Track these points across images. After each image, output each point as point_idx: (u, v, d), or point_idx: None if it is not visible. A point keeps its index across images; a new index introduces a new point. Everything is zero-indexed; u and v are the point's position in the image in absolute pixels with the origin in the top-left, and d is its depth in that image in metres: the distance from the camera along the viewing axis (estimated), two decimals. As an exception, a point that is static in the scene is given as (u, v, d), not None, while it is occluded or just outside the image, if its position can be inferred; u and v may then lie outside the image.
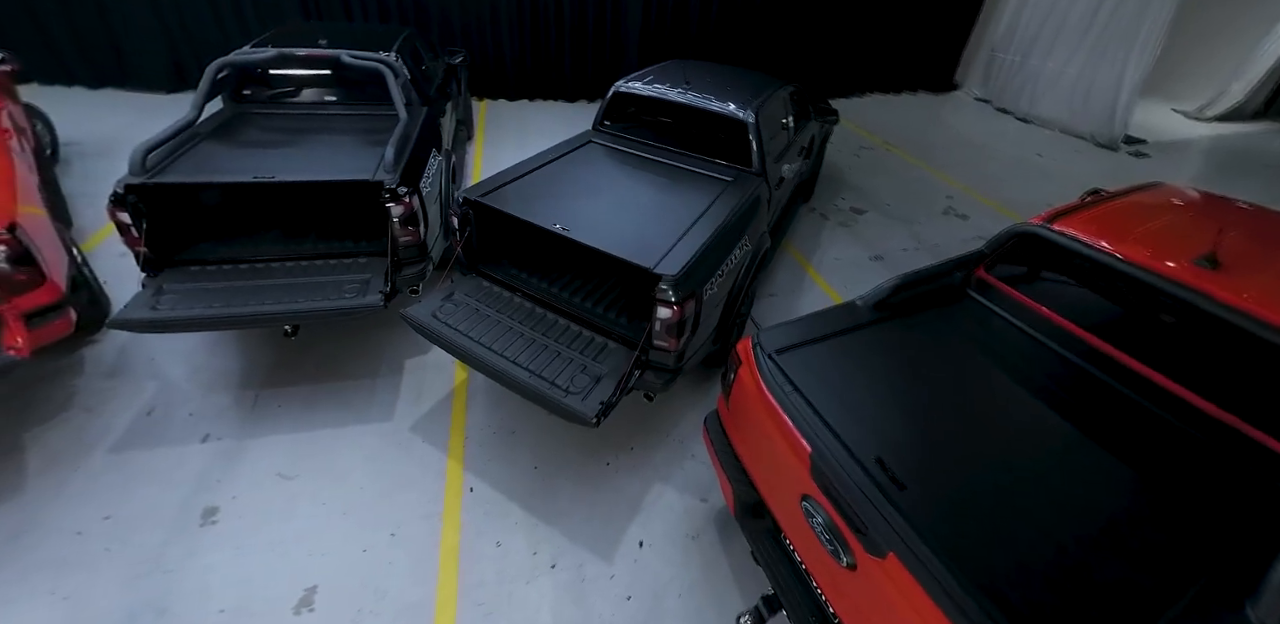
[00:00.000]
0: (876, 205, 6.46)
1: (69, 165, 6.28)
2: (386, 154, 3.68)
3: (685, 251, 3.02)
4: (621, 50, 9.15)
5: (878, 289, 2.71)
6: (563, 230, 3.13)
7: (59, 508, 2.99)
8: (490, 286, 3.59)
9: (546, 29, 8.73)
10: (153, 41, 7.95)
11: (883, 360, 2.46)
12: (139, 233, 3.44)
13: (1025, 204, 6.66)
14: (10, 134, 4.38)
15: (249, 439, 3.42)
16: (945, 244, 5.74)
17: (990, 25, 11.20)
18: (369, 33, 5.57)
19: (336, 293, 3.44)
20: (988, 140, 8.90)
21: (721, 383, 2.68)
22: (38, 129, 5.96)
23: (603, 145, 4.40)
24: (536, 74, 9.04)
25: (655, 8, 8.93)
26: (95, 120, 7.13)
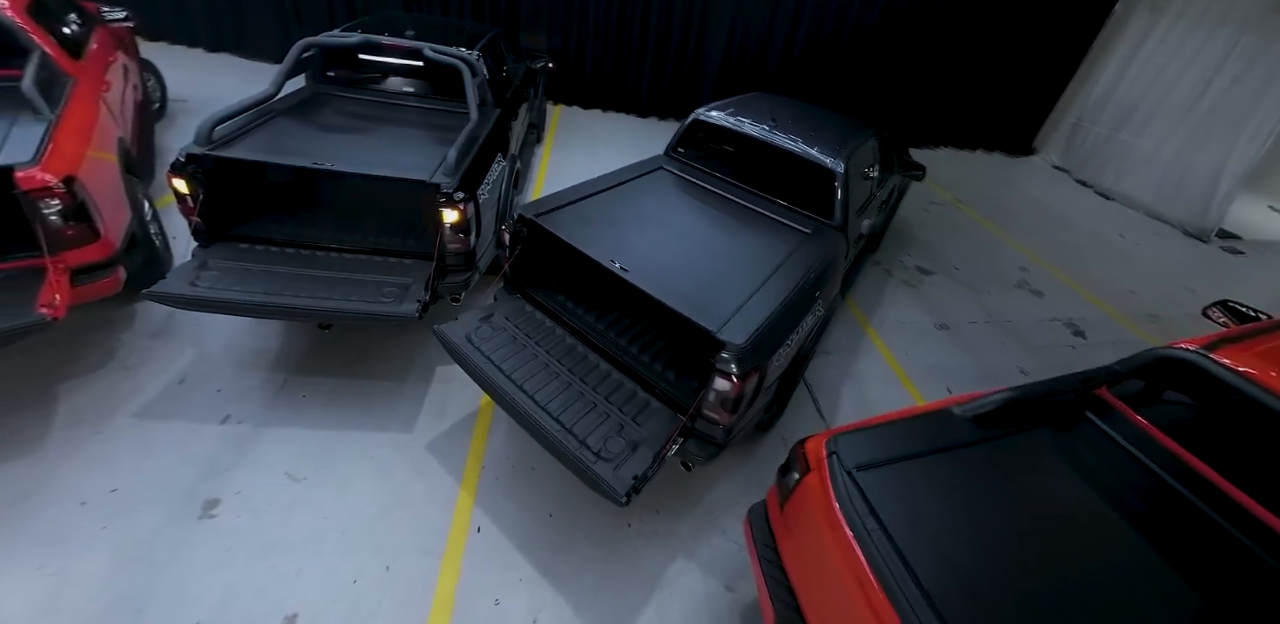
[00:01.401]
0: (944, 267, 5.83)
1: (173, 120, 6.16)
2: (449, 156, 3.30)
3: (755, 316, 2.54)
4: (699, 74, 8.71)
5: (983, 402, 2.16)
6: (620, 270, 2.68)
7: (71, 471, 2.74)
8: (532, 312, 3.16)
9: (630, 44, 8.36)
10: (268, 14, 7.90)
11: (982, 492, 1.93)
12: (194, 203, 3.16)
13: (1107, 288, 5.93)
14: (108, 86, 4.17)
15: (266, 427, 3.09)
16: (1018, 322, 5.09)
17: (1080, 93, 10.32)
18: (458, 29, 5.26)
19: (374, 295, 3.07)
20: (1065, 212, 8.12)
21: (778, 479, 2.18)
22: (149, 84, 5.85)
23: (673, 173, 3.95)
24: (613, 86, 8.68)
25: (739, 37, 8.46)
26: (206, 81, 7.03)
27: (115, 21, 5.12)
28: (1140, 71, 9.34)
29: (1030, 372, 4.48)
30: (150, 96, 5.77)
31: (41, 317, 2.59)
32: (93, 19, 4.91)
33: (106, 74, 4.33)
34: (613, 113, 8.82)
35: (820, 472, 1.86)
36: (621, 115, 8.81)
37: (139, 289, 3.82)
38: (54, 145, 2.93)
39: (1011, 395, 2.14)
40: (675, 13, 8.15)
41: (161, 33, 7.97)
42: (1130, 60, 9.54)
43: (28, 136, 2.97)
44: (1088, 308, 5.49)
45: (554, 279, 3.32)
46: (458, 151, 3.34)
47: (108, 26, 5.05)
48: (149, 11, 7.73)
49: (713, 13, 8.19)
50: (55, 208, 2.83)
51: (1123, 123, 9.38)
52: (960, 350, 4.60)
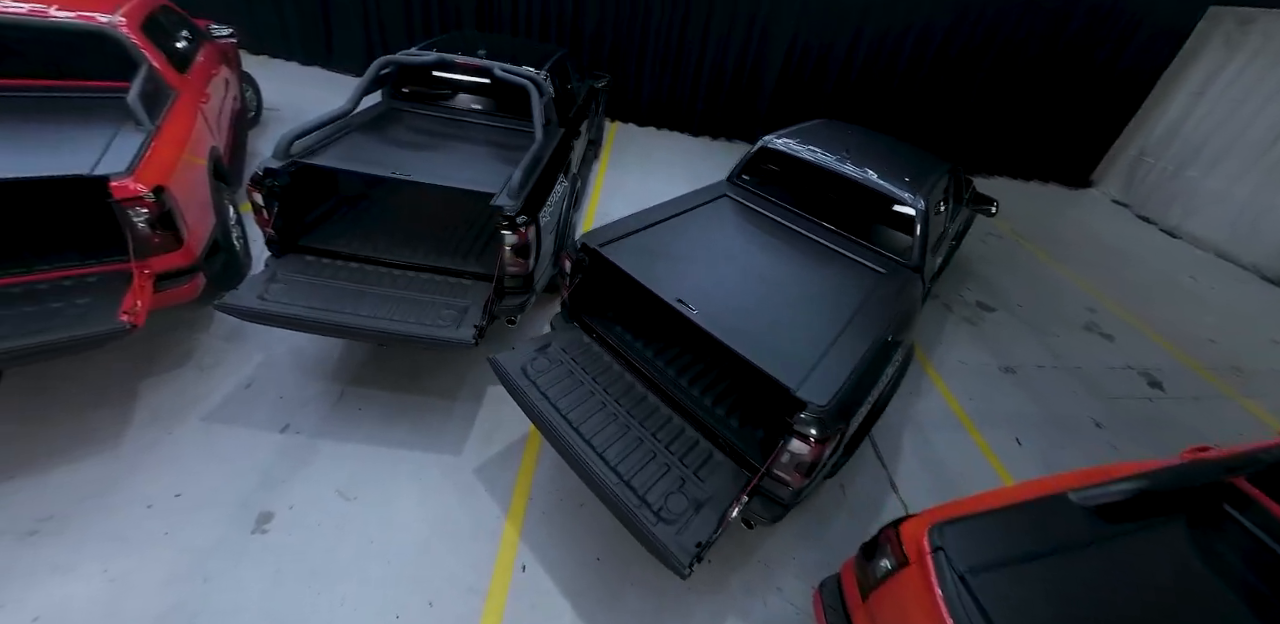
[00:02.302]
0: (1006, 304, 5.32)
1: (265, 128, 6.20)
2: (513, 177, 3.09)
3: (835, 373, 2.20)
4: (754, 96, 8.36)
5: (1107, 491, 1.77)
6: (688, 310, 2.38)
7: (143, 471, 2.65)
8: (590, 344, 2.89)
9: (687, 64, 8.09)
10: (355, 32, 7.98)
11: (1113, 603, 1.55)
12: (270, 215, 3.03)
13: (1182, 335, 5.30)
14: (207, 98, 4.14)
15: (322, 439, 2.92)
16: (1089, 369, 4.56)
17: (1144, 127, 9.50)
18: (527, 48, 5.08)
19: (432, 317, 2.86)
20: (1128, 249, 7.41)
21: (860, 560, 1.84)
22: (247, 95, 5.91)
23: (738, 201, 3.63)
24: (669, 105, 8.43)
25: (795, 62, 8.08)
26: (297, 92, 7.10)
27: (221, 38, 5.16)
28: (1211, 108, 8.53)
29: (1105, 424, 3.97)
30: (247, 106, 5.82)
31: (122, 325, 2.48)
32: (202, 35, 4.95)
33: (207, 87, 4.32)
34: (666, 131, 8.57)
35: (924, 569, 1.53)
36: (675, 134, 8.54)
37: (219, 291, 3.78)
38: (148, 156, 2.85)
39: (1140, 485, 1.75)
40: (734, 37, 7.86)
41: (263, 47, 8.14)
42: (1200, 96, 8.73)
43: (126, 147, 2.91)
44: (1163, 356, 4.90)
45: (612, 308, 3.06)
46: (522, 173, 3.13)
47: (214, 42, 5.09)
48: (253, 28, 7.93)
49: (771, 37, 7.87)
50: (144, 216, 2.73)
51: (1190, 159, 8.57)
52: (1027, 396, 4.12)
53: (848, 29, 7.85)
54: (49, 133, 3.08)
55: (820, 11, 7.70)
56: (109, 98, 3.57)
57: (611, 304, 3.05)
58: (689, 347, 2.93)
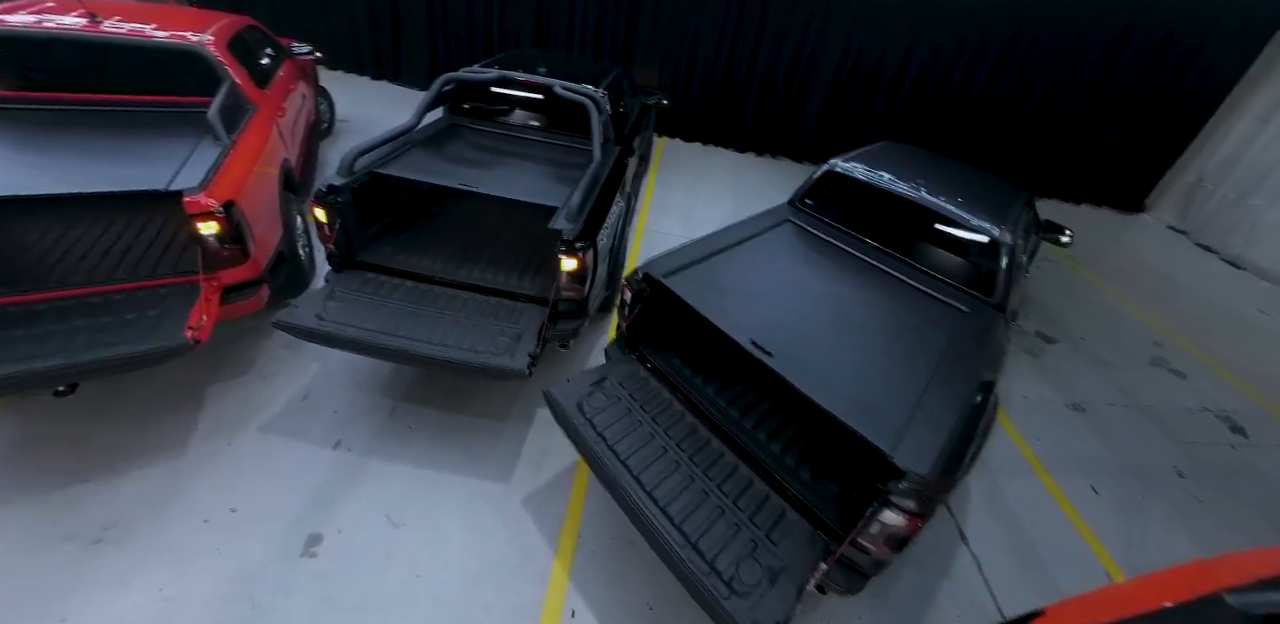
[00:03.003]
0: (1068, 335, 4.81)
1: (336, 139, 6.15)
2: (572, 199, 2.83)
3: (932, 433, 1.85)
4: (799, 114, 7.93)
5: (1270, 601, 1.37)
6: (764, 356, 2.06)
7: (202, 483, 2.51)
8: (648, 378, 2.59)
9: (736, 82, 7.73)
10: (422, 50, 7.92)
11: None
12: (331, 231, 2.85)
13: (1260, 375, 4.68)
14: (283, 112, 4.04)
15: (373, 458, 2.73)
16: (1161, 409, 4.04)
17: (1203, 152, 8.67)
18: (585, 66, 4.84)
19: (486, 343, 2.62)
20: (1188, 279, 6.71)
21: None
22: (321, 108, 5.88)
23: (802, 228, 3.27)
24: (716, 121, 8.07)
25: (844, 79, 7.63)
26: (367, 104, 7.07)
27: (301, 55, 5.10)
28: (1277, 134, 7.71)
29: (1187, 473, 3.47)
30: (321, 118, 5.79)
31: (186, 342, 2.32)
32: (284, 53, 4.89)
33: (285, 101, 4.23)
34: (713, 146, 8.22)
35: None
36: (721, 149, 8.18)
37: (284, 298, 3.66)
38: (221, 171, 2.71)
39: None
40: (783, 56, 7.48)
41: (339, 63, 8.18)
42: (1266, 121, 7.91)
43: (202, 161, 2.78)
44: (1241, 399, 4.32)
45: (670, 338, 2.76)
46: (581, 194, 2.87)
47: (295, 59, 5.03)
48: (331, 46, 7.98)
49: (821, 57, 7.46)
50: (213, 230, 2.59)
51: (1254, 187, 7.75)
52: (1098, 438, 3.64)
53: (898, 49, 7.38)
54: (136, 146, 3.00)
55: (871, 31, 7.27)
56: (193, 112, 3.50)
57: (670, 334, 2.76)
58: (752, 385, 2.61)
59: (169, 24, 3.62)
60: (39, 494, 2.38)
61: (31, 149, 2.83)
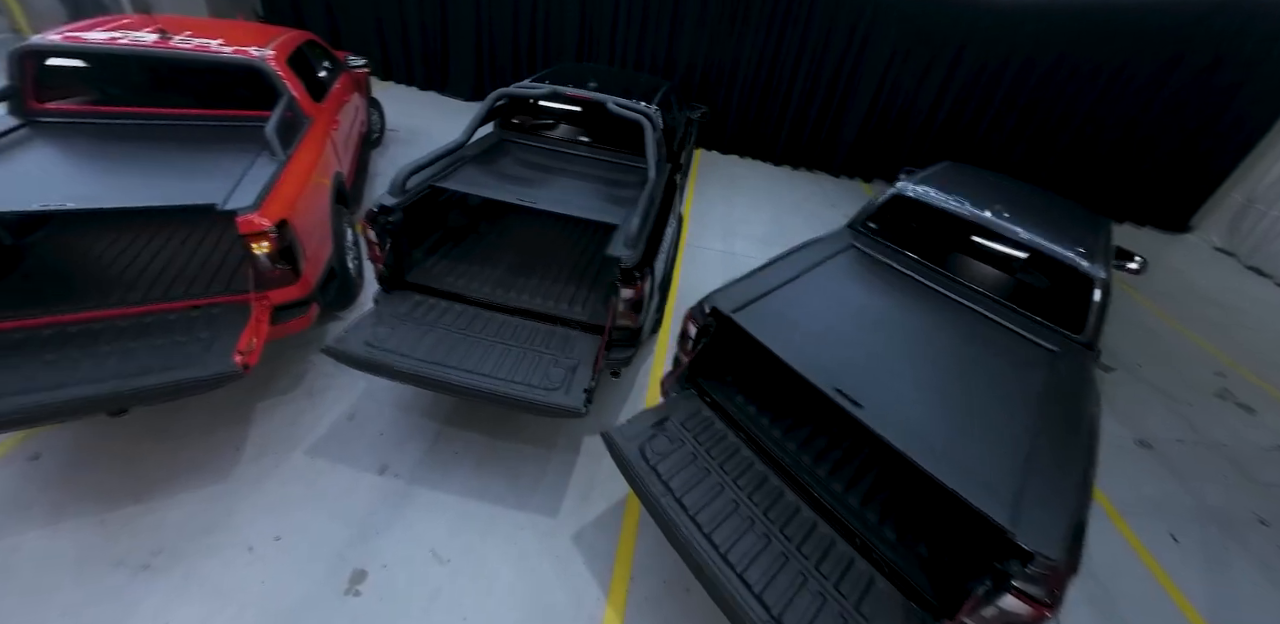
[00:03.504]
0: (1124, 363, 4.40)
1: (386, 148, 6.03)
2: (631, 224, 2.59)
3: (1053, 504, 1.57)
4: (837, 131, 7.55)
5: None
6: (851, 406, 1.79)
7: (249, 508, 2.35)
8: (711, 418, 2.32)
9: (775, 96, 7.39)
10: (468, 62, 7.78)
11: None
12: (381, 251, 2.66)
13: (1334, 411, 4.22)
14: (337, 124, 3.90)
15: (419, 486, 2.54)
16: (1234, 447, 3.63)
17: (1254, 172, 8.01)
18: (634, 81, 4.59)
19: (540, 376, 2.39)
20: (1240, 304, 6.17)
21: None
22: (373, 118, 5.77)
23: (868, 254, 2.97)
24: (753, 134, 7.75)
25: (885, 96, 7.23)
26: (414, 114, 6.97)
27: (356, 68, 4.98)
28: (1333, 155, 7.08)
29: (1270, 520, 3.09)
30: (371, 128, 5.68)
31: (235, 369, 2.15)
32: (339, 66, 4.77)
33: (339, 114, 4.10)
34: (749, 159, 7.90)
35: None
36: (757, 162, 7.85)
37: (333, 311, 3.52)
38: (275, 190, 2.55)
39: None
40: (824, 73, 7.13)
41: (389, 74, 8.11)
42: (1322, 143, 7.28)
43: (257, 178, 2.62)
44: (1320, 437, 3.88)
45: (730, 371, 2.51)
46: (640, 219, 2.63)
47: (350, 72, 4.90)
48: (384, 57, 7.90)
49: (862, 74, 7.08)
50: (266, 250, 2.42)
51: (1310, 209, 7.14)
52: (1171, 478, 3.27)
53: (940, 68, 6.97)
54: (196, 160, 2.87)
55: (914, 50, 6.88)
56: (253, 126, 3.37)
57: (730, 367, 2.51)
58: (823, 427, 2.34)
59: (233, 40, 3.50)
60: (94, 513, 2.25)
61: (96, 163, 2.72)
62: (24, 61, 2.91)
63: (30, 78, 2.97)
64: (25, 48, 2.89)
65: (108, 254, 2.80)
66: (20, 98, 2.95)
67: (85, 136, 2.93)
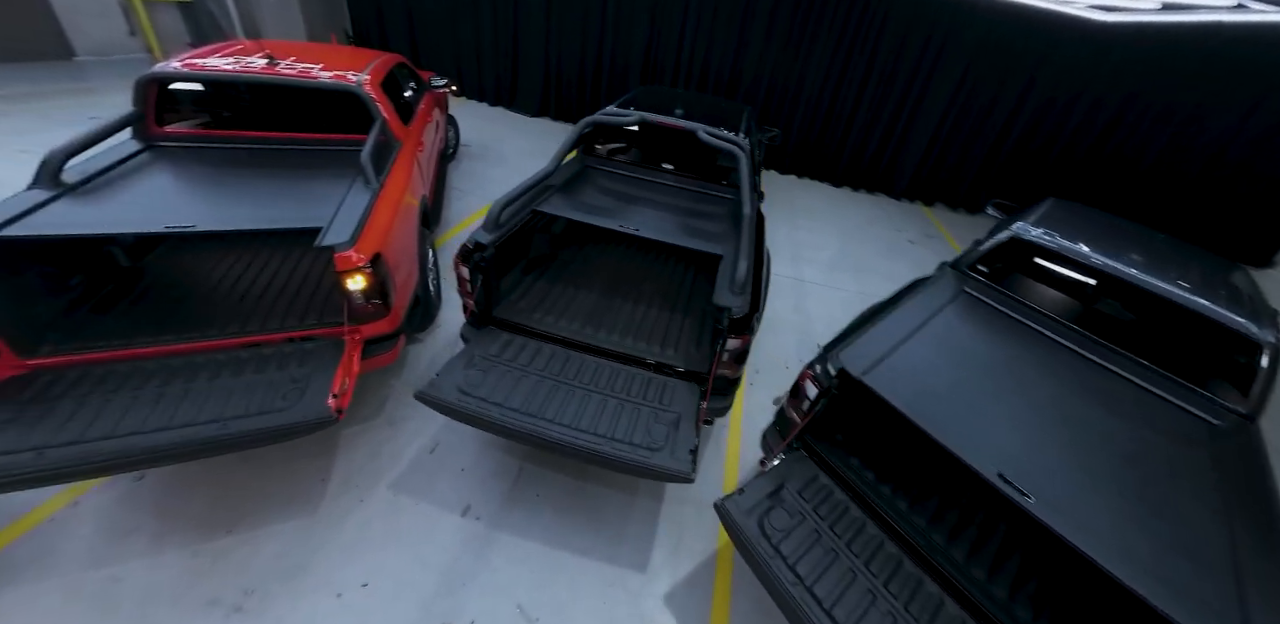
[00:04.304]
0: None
1: (459, 163, 5.88)
2: (739, 268, 2.27)
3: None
4: (901, 152, 6.95)
5: None
6: (1018, 496, 1.45)
7: (335, 547, 2.17)
8: (830, 487, 2.00)
9: (839, 117, 6.87)
10: (536, 79, 7.57)
11: None
12: (472, 288, 2.42)
13: None
14: (423, 146, 3.72)
15: (501, 530, 2.31)
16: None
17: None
18: (716, 107, 4.23)
19: (642, 433, 2.10)
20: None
21: None
22: (449, 134, 5.62)
23: (983, 302, 2.56)
24: (814, 155, 7.25)
25: (951, 124, 6.61)
26: (484, 130, 6.82)
27: (438, 87, 4.81)
28: None
29: None
30: (448, 144, 5.53)
31: (330, 416, 1.95)
32: (424, 86, 4.61)
33: (423, 135, 3.92)
34: (807, 180, 7.42)
35: None
36: (816, 183, 7.38)
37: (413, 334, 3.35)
38: (369, 223, 2.35)
39: None
40: (891, 96, 6.58)
41: (461, 90, 8.01)
42: None
43: (353, 209, 2.43)
44: None
45: (841, 430, 2.17)
46: (747, 262, 2.30)
47: (433, 91, 4.74)
48: (458, 74, 7.79)
49: (930, 99, 6.51)
50: (360, 286, 2.22)
51: None
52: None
53: (1010, 95, 6.33)
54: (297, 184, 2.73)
55: (984, 76, 6.27)
56: (346, 150, 3.22)
57: (842, 425, 2.16)
58: (951, 498, 1.99)
59: (333, 64, 3.35)
60: (188, 544, 2.11)
61: (207, 186, 2.59)
62: (148, 88, 2.82)
63: (152, 103, 2.88)
64: (150, 75, 2.80)
65: (207, 280, 2.68)
66: (143, 122, 2.86)
67: (195, 160, 2.82)
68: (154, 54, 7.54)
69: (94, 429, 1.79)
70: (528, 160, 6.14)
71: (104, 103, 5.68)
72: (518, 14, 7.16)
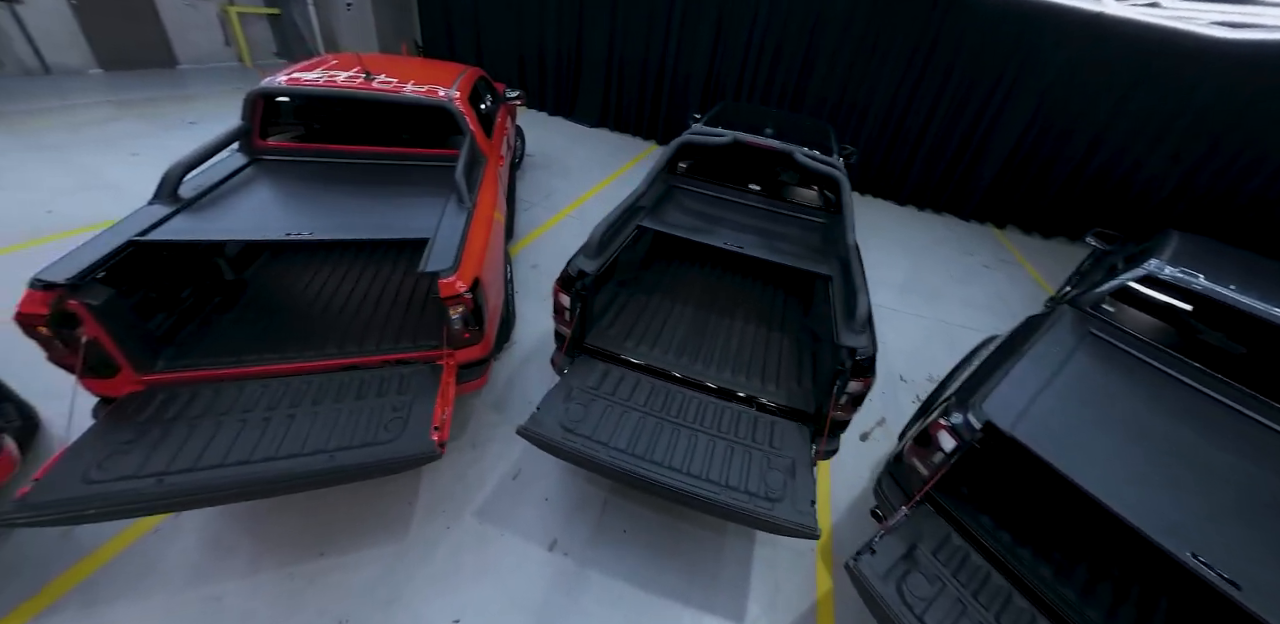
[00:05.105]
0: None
1: (523, 173, 5.83)
2: (859, 303, 2.05)
3: None
4: (974, 172, 6.49)
5: None
6: (1227, 586, 1.24)
7: (425, 578, 2.06)
8: (965, 548, 1.77)
9: (907, 134, 6.47)
10: (596, 90, 7.46)
11: None
12: (571, 317, 2.27)
13: None
14: (502, 160, 3.62)
15: (590, 568, 2.17)
16: None
17: None
18: (799, 124, 3.98)
19: (758, 481, 1.91)
20: None
21: None
22: (517, 144, 5.55)
23: (1116, 346, 2.26)
24: (880, 172, 6.86)
25: (1029, 146, 6.11)
26: (545, 140, 6.74)
27: (511, 100, 4.72)
28: None
29: None
30: (516, 154, 5.46)
31: (434, 451, 1.82)
32: (499, 98, 4.52)
33: (501, 148, 3.83)
34: (869, 197, 7.04)
35: None
36: (879, 200, 6.99)
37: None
38: (467, 248, 2.23)
39: None
40: (965, 113, 6.14)
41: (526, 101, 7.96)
42: None
43: (451, 231, 2.31)
44: None
45: (966, 482, 1.92)
46: (866, 296, 2.08)
47: (506, 103, 4.66)
48: (521, 84, 7.75)
49: (1005, 119, 6.04)
50: (460, 312, 2.10)
51: None
52: None
53: (1093, 122, 5.81)
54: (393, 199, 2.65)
55: (1064, 99, 5.79)
56: (433, 166, 3.13)
57: (970, 478, 1.92)
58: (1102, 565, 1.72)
59: (423, 79, 3.27)
60: (282, 565, 2.04)
61: (309, 199, 2.54)
62: (256, 103, 2.79)
63: (259, 118, 2.85)
64: (258, 90, 2.78)
65: (303, 296, 2.63)
66: (249, 137, 2.84)
67: (295, 174, 2.78)
68: (244, 62, 7.79)
69: (207, 456, 1.72)
70: (591, 171, 6.01)
71: (200, 108, 5.89)
72: (582, 26, 7.06)
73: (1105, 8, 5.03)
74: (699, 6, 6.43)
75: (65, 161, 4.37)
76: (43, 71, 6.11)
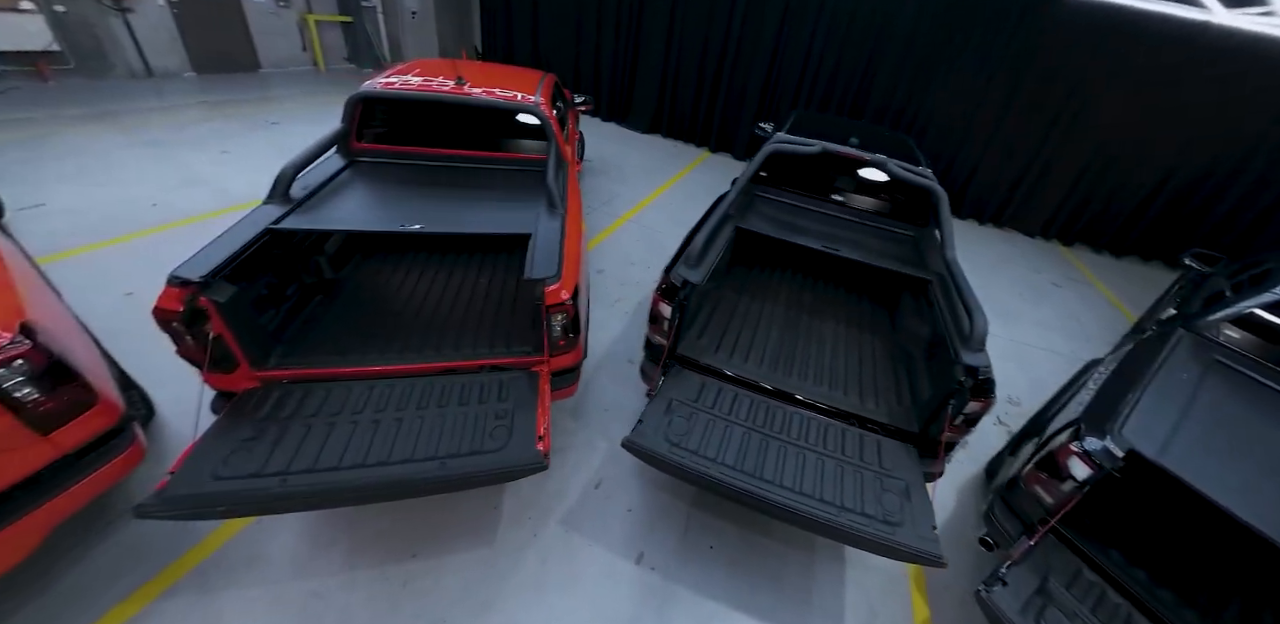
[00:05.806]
0: None
1: (582, 178, 5.78)
2: (977, 322, 1.88)
3: None
4: (1040, 186, 6.09)
5: None
6: None
7: (517, 585, 2.00)
8: (1099, 585, 1.61)
9: (972, 146, 6.13)
10: (650, 97, 7.37)
11: None
12: (671, 328, 2.17)
13: None
14: (579, 165, 3.56)
15: (678, 585, 2.08)
16: None
17: None
18: (879, 135, 3.78)
19: (873, 503, 1.79)
20: None
21: None
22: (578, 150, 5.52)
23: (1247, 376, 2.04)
24: (942, 184, 6.40)
25: (1107, 155, 5.70)
26: (600, 145, 6.70)
27: (579, 106, 4.68)
28: None
29: None
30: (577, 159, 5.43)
31: (541, 461, 1.76)
32: (569, 104, 4.49)
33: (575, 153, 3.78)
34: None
35: None
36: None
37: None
38: (566, 254, 2.15)
39: None
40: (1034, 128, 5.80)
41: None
42: None
43: (550, 238, 2.24)
44: None
45: (1088, 513, 1.75)
46: (983, 314, 1.93)
47: (574, 109, 4.62)
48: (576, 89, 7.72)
49: (1080, 130, 5.67)
50: (561, 320, 2.03)
51: None
52: None
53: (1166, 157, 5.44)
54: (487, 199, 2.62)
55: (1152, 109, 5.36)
56: (518, 169, 3.09)
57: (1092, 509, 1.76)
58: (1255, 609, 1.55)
59: (504, 84, 3.24)
60: (377, 564, 2.02)
61: (405, 200, 2.52)
62: (355, 107, 2.80)
63: (356, 121, 2.86)
64: (359, 94, 2.79)
65: (396, 296, 2.62)
66: (347, 139, 2.85)
67: (389, 176, 2.78)
68: (318, 67, 8.01)
69: (324, 458, 1.70)
70: (648, 177, 5.93)
71: (281, 109, 6.10)
72: (640, 31, 7.00)
73: (1213, 16, 4.65)
74: (759, 18, 6.28)
75: (167, 158, 4.54)
76: (146, 74, 6.43)
